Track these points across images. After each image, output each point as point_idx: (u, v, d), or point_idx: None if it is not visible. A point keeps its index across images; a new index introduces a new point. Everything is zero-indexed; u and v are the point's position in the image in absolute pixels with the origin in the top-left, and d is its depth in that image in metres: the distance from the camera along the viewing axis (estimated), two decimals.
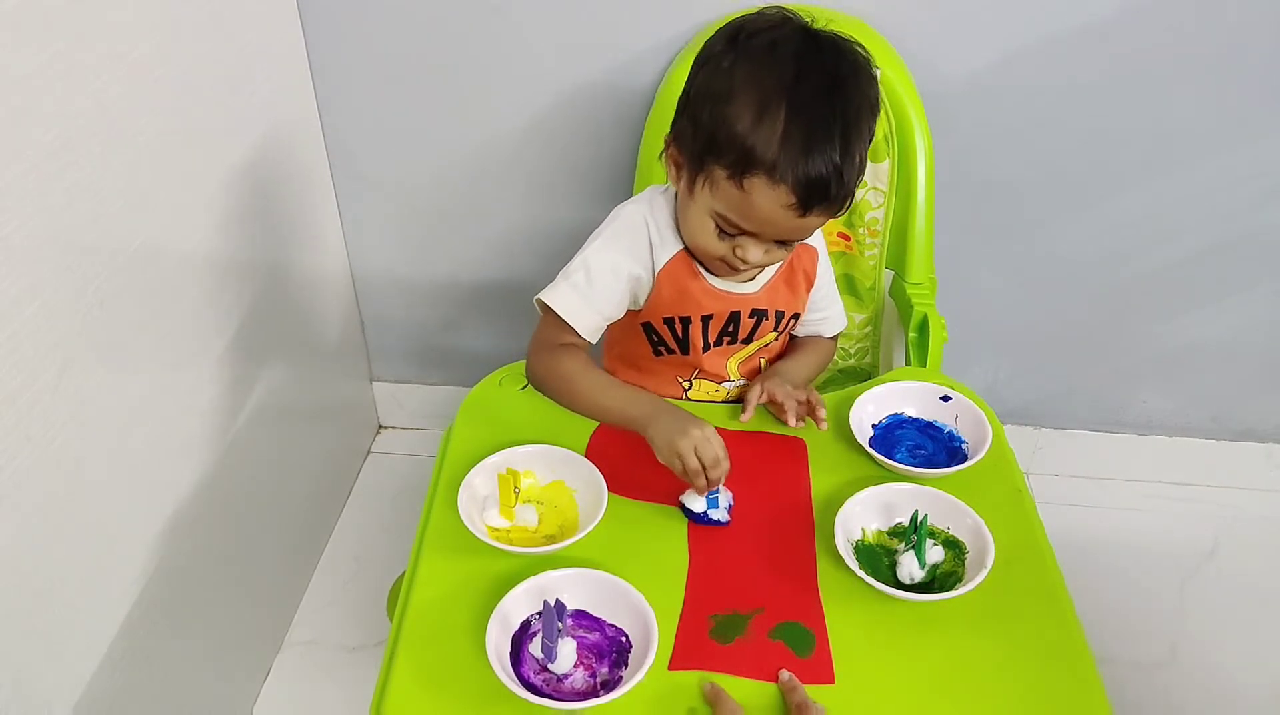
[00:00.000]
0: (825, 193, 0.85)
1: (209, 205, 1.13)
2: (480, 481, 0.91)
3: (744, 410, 1.02)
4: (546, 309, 0.98)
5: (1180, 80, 1.28)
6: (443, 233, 1.52)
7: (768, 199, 0.86)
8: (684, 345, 1.04)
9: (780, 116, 0.83)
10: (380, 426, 1.79)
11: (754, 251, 0.92)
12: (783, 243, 0.93)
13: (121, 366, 0.98)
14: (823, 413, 1.00)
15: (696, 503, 0.91)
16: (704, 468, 0.87)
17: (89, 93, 0.89)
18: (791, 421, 0.99)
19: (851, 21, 1.20)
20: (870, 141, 0.90)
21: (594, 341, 1.00)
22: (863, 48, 0.89)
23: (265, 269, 1.29)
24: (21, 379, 0.83)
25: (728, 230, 0.91)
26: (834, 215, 0.90)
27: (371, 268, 1.58)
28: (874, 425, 1.02)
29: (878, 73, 0.91)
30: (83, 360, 0.91)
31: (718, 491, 0.90)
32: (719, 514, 0.91)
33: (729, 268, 0.95)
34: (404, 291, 1.60)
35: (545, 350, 0.99)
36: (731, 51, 0.87)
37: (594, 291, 0.97)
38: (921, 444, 1.01)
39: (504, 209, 1.48)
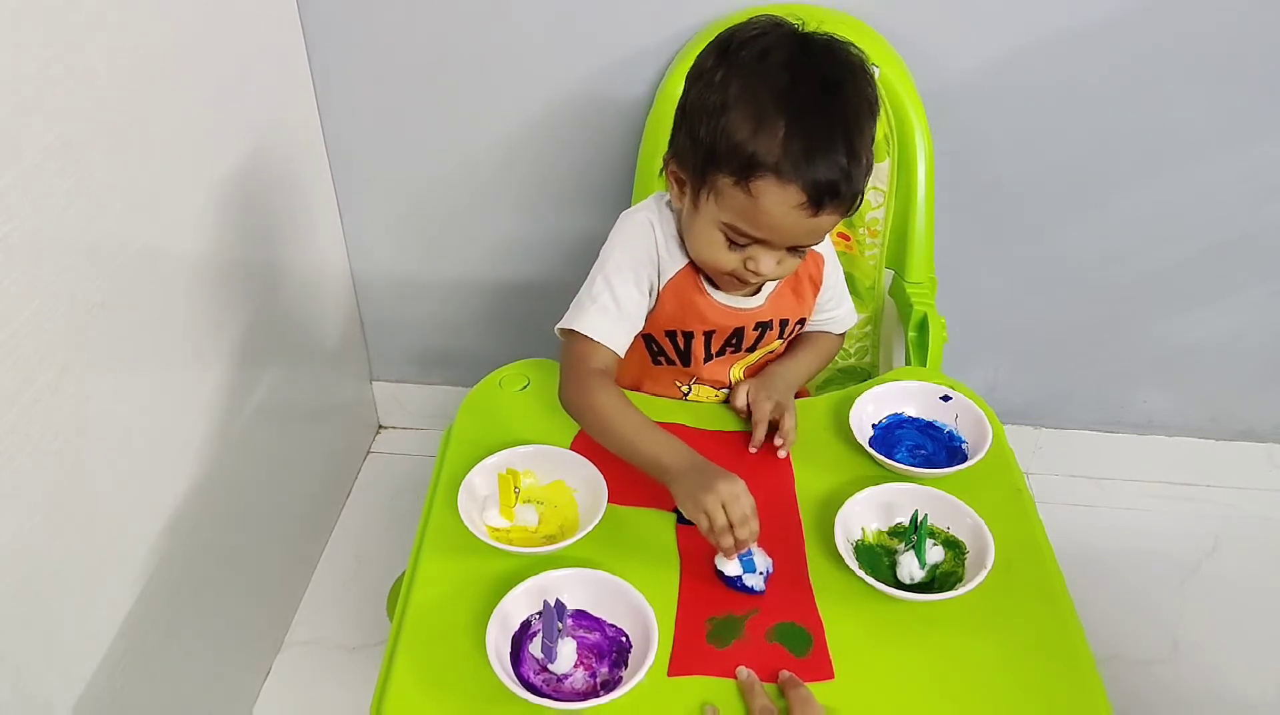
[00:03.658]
0: (835, 190, 0.83)
1: (209, 206, 1.13)
2: (480, 481, 0.91)
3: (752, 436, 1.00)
4: (573, 334, 0.95)
5: (1180, 80, 1.27)
6: (443, 234, 1.52)
7: (777, 200, 0.84)
8: (685, 357, 1.02)
9: (780, 123, 0.82)
10: (380, 426, 1.79)
11: (766, 261, 0.89)
12: (794, 250, 0.91)
13: (121, 366, 0.98)
14: (790, 440, 0.98)
15: (729, 566, 0.84)
16: (731, 526, 0.82)
17: (89, 93, 0.89)
18: (752, 448, 0.98)
19: (851, 21, 1.20)
20: (873, 140, 0.88)
21: (623, 355, 0.97)
22: (856, 47, 0.88)
23: (265, 269, 1.29)
24: (21, 379, 0.83)
25: (738, 241, 0.89)
26: (845, 214, 0.88)
27: (371, 268, 1.58)
28: (874, 425, 1.01)
29: (876, 71, 0.90)
30: (82, 360, 0.91)
31: (752, 554, 0.84)
32: (754, 580, 0.84)
33: (739, 282, 0.94)
34: (404, 292, 1.60)
35: (578, 378, 0.94)
36: (723, 64, 0.86)
37: (622, 310, 0.95)
38: (921, 444, 1.01)
39: (504, 210, 1.48)
